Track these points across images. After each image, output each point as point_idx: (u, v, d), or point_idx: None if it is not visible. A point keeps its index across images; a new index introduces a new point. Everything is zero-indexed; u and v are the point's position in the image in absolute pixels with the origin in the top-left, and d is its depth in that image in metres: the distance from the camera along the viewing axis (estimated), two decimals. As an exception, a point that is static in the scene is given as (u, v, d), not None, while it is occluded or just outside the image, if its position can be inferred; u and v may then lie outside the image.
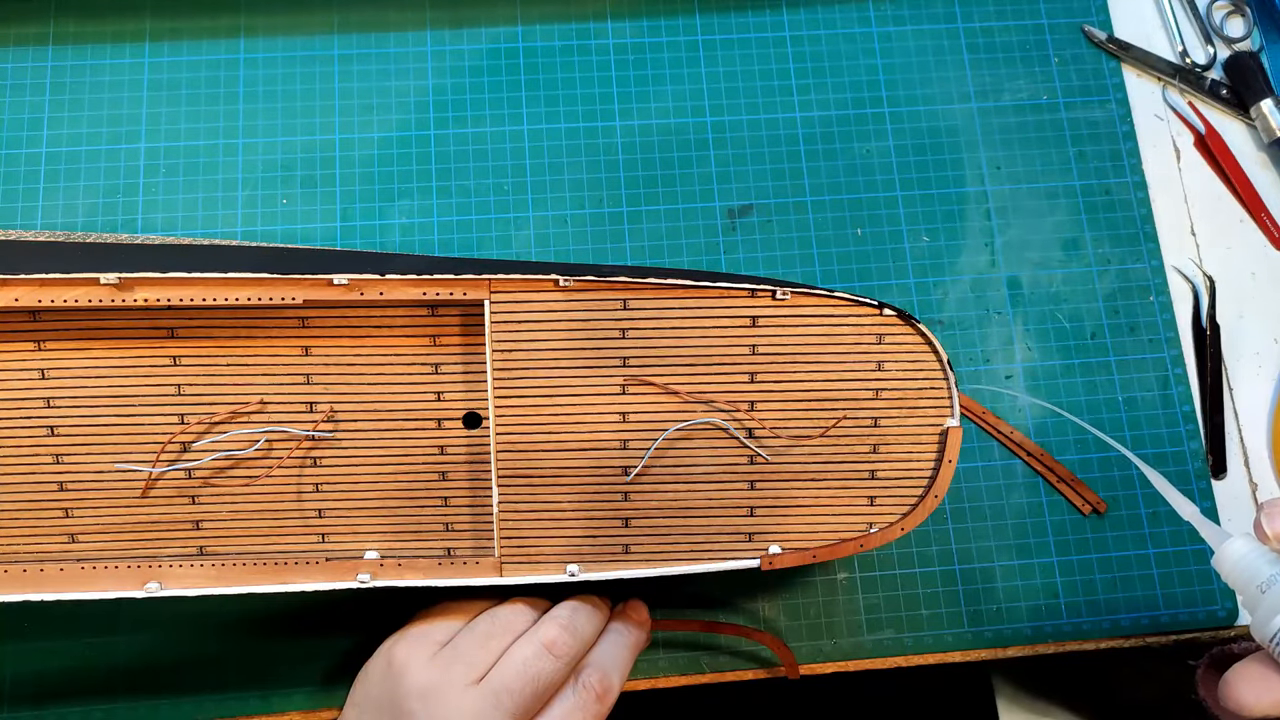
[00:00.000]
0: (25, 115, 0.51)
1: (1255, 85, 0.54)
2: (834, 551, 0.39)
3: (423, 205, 0.51)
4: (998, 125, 0.53)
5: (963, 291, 0.51)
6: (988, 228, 0.52)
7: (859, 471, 0.39)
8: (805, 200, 0.52)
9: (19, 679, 0.44)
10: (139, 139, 0.51)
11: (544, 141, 0.52)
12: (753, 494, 0.39)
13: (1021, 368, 0.50)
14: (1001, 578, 0.47)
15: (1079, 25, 0.55)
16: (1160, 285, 0.52)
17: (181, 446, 0.39)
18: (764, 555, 0.39)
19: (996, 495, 0.48)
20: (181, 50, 0.52)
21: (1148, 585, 0.47)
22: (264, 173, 0.51)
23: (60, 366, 0.39)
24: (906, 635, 0.47)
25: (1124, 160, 0.53)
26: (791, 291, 0.38)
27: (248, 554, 0.40)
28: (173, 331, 0.39)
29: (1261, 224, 0.53)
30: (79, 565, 0.39)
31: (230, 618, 0.45)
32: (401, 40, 0.53)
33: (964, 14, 0.55)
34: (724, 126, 0.53)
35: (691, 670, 0.46)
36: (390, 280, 0.37)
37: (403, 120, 0.52)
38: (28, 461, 0.39)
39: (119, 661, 0.45)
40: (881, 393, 0.39)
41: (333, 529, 0.40)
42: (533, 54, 0.53)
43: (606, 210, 0.51)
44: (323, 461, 0.40)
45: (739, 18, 0.54)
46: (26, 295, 0.36)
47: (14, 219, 0.49)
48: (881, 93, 0.54)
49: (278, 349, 0.39)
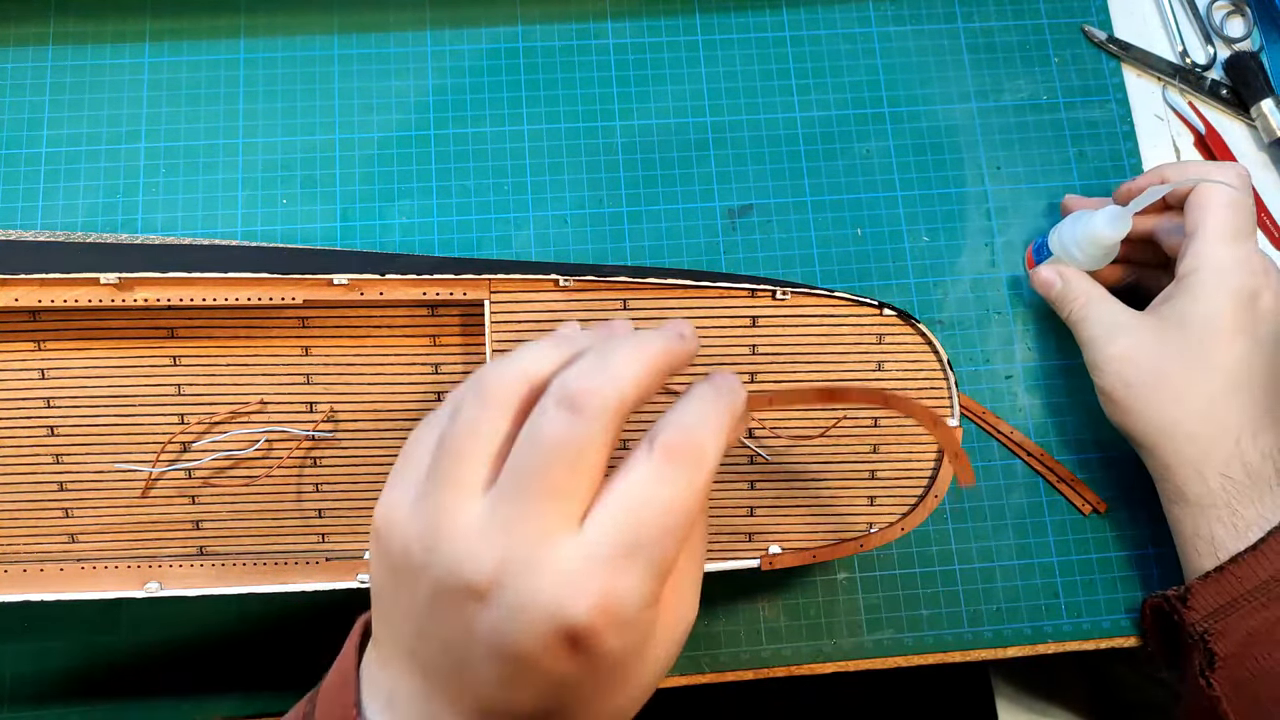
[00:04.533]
0: (25, 115, 0.51)
1: (1255, 85, 0.54)
2: (834, 551, 0.39)
3: (423, 205, 0.51)
4: (998, 125, 0.53)
5: (963, 291, 0.51)
6: (988, 228, 0.52)
7: (859, 471, 0.39)
8: (805, 200, 0.52)
9: (19, 679, 0.44)
10: (139, 139, 0.51)
11: (544, 141, 0.52)
12: (753, 494, 0.39)
13: (1021, 368, 0.50)
14: (1001, 578, 0.47)
15: (1079, 25, 0.55)
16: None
17: (181, 446, 0.39)
18: (764, 555, 0.39)
19: (996, 495, 0.48)
20: (181, 50, 0.52)
21: (1148, 585, 0.47)
22: (264, 173, 0.51)
23: (60, 366, 0.39)
24: (906, 635, 0.47)
25: (1124, 160, 0.53)
26: (791, 291, 0.38)
27: (248, 554, 0.40)
28: (173, 331, 0.39)
29: (1261, 224, 0.53)
30: (79, 565, 0.39)
31: (230, 618, 0.45)
32: (401, 40, 0.53)
33: (964, 14, 0.55)
34: (724, 126, 0.53)
35: (691, 670, 0.46)
36: (390, 280, 0.37)
37: (403, 120, 0.52)
38: (28, 461, 0.39)
39: (119, 661, 0.45)
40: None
41: (333, 529, 0.40)
42: (533, 54, 0.53)
43: (606, 210, 0.51)
44: (323, 461, 0.40)
45: (739, 18, 0.54)
46: (26, 295, 0.36)
47: (14, 219, 0.49)
48: (881, 93, 0.54)
49: (278, 349, 0.39)
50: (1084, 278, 0.47)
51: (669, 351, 0.27)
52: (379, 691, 0.29)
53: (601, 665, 0.26)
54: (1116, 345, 0.44)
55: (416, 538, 0.27)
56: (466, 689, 0.28)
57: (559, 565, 0.25)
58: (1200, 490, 0.42)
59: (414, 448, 0.29)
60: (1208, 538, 0.42)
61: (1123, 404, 0.44)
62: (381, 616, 0.30)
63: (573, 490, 0.25)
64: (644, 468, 0.26)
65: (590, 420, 0.25)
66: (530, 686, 0.27)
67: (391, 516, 0.28)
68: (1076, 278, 0.47)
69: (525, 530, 0.25)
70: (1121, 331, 0.44)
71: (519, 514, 0.25)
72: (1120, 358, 0.43)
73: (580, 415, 0.25)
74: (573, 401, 0.25)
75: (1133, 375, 0.43)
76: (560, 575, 0.25)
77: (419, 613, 0.28)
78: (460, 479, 0.26)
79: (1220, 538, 0.41)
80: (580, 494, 0.26)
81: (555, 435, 0.25)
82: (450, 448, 0.27)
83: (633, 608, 0.26)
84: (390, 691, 0.29)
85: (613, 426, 0.26)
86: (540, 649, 0.25)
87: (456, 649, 0.27)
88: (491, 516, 0.26)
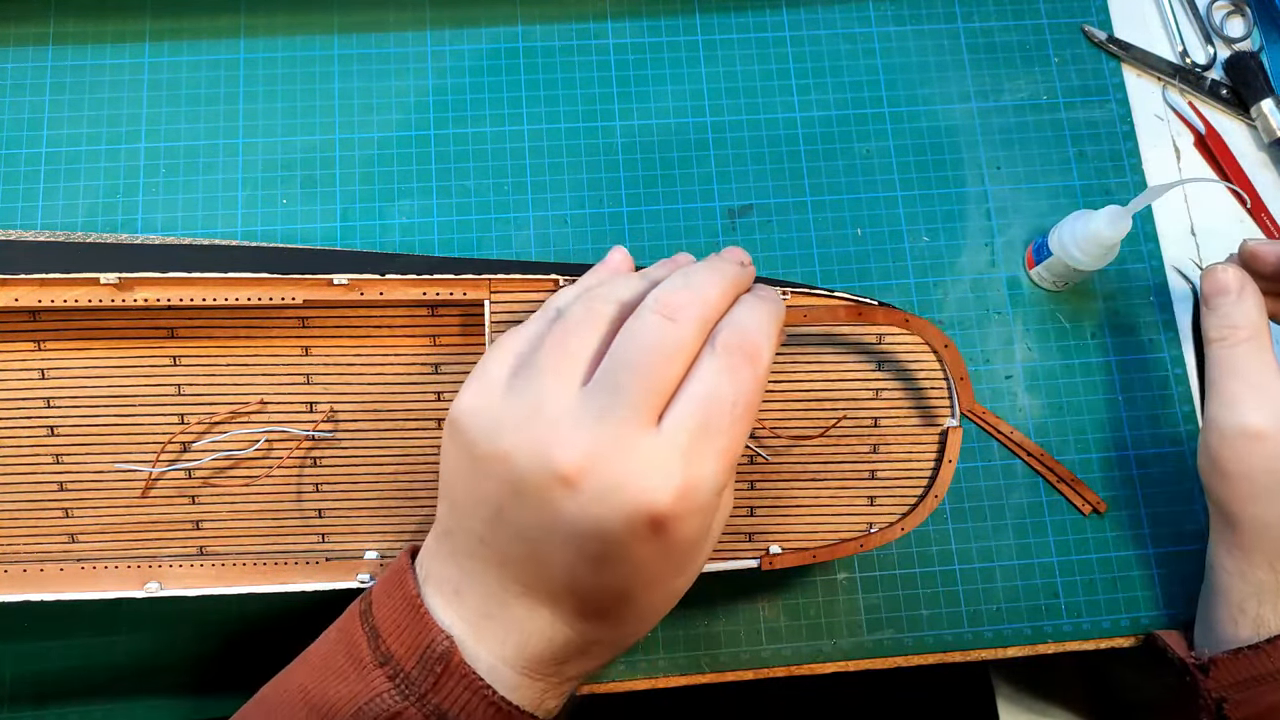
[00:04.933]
0: (25, 115, 0.51)
1: (1255, 85, 0.54)
2: (834, 551, 0.39)
3: (423, 205, 0.51)
4: (998, 125, 0.53)
5: (963, 291, 0.51)
6: (988, 228, 0.52)
7: (859, 471, 0.39)
8: (805, 200, 0.52)
9: (19, 679, 0.44)
10: (139, 139, 0.51)
11: (544, 141, 0.52)
12: (753, 494, 0.39)
13: (1021, 368, 0.50)
14: (1001, 578, 0.47)
15: (1079, 25, 0.55)
16: (1160, 285, 0.52)
17: (181, 446, 0.39)
18: (764, 555, 0.39)
19: (996, 495, 0.48)
20: (181, 50, 0.52)
21: (1148, 585, 0.47)
22: (264, 173, 0.51)
23: (60, 366, 0.39)
24: (906, 635, 0.47)
25: (1124, 160, 0.53)
26: (791, 291, 0.38)
27: (248, 554, 0.40)
28: (173, 331, 0.39)
29: (1261, 224, 0.53)
30: (79, 565, 0.39)
31: (230, 618, 0.45)
32: (401, 40, 0.53)
33: (964, 14, 0.55)
34: (724, 126, 0.53)
35: (691, 670, 0.46)
36: (390, 280, 0.37)
37: (403, 120, 0.52)
38: (28, 461, 0.39)
39: (119, 661, 0.45)
40: (881, 393, 0.39)
41: (333, 529, 0.40)
42: (533, 54, 0.53)
43: (606, 210, 0.51)
44: (323, 461, 0.40)
45: (739, 18, 0.54)
46: (26, 295, 0.36)
47: (14, 219, 0.49)
48: (881, 93, 0.54)
49: (278, 349, 0.39)
50: (1260, 302, 0.40)
51: (738, 274, 0.32)
52: (444, 584, 0.32)
53: (675, 548, 0.29)
54: (1258, 416, 0.38)
55: (508, 425, 0.29)
56: (541, 573, 0.30)
57: (645, 454, 0.28)
58: (1265, 578, 0.40)
59: (496, 352, 0.32)
60: (1253, 616, 0.40)
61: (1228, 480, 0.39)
62: (454, 508, 0.32)
63: (662, 386, 0.28)
64: (711, 365, 0.29)
65: (683, 325, 0.29)
66: (608, 568, 0.29)
67: (476, 405, 0.30)
68: (1254, 298, 0.40)
69: (617, 420, 0.28)
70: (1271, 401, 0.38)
71: (612, 404, 0.28)
72: (1256, 435, 0.38)
73: (674, 322, 0.29)
74: (668, 310, 0.29)
75: (1259, 462, 0.38)
76: (646, 463, 0.28)
77: (498, 499, 0.30)
78: (561, 370, 0.29)
79: (1267, 619, 0.39)
80: (666, 390, 0.28)
81: (653, 334, 0.29)
82: (554, 343, 0.30)
83: (707, 493, 0.29)
84: (457, 582, 0.32)
85: (700, 334, 0.29)
86: (625, 532, 0.28)
87: (535, 533, 0.29)
88: (585, 406, 0.28)
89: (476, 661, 0.31)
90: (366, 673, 0.31)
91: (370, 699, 0.30)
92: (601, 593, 0.30)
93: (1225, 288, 0.40)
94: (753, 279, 0.33)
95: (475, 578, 0.31)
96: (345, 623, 0.33)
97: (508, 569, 0.31)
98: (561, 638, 0.31)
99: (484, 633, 0.31)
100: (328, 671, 0.32)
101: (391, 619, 0.31)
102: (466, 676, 0.30)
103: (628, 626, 0.32)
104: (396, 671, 0.30)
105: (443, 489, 0.32)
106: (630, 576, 0.30)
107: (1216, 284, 0.41)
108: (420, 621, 0.31)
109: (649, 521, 0.28)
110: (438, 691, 0.30)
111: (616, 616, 0.31)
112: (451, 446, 0.31)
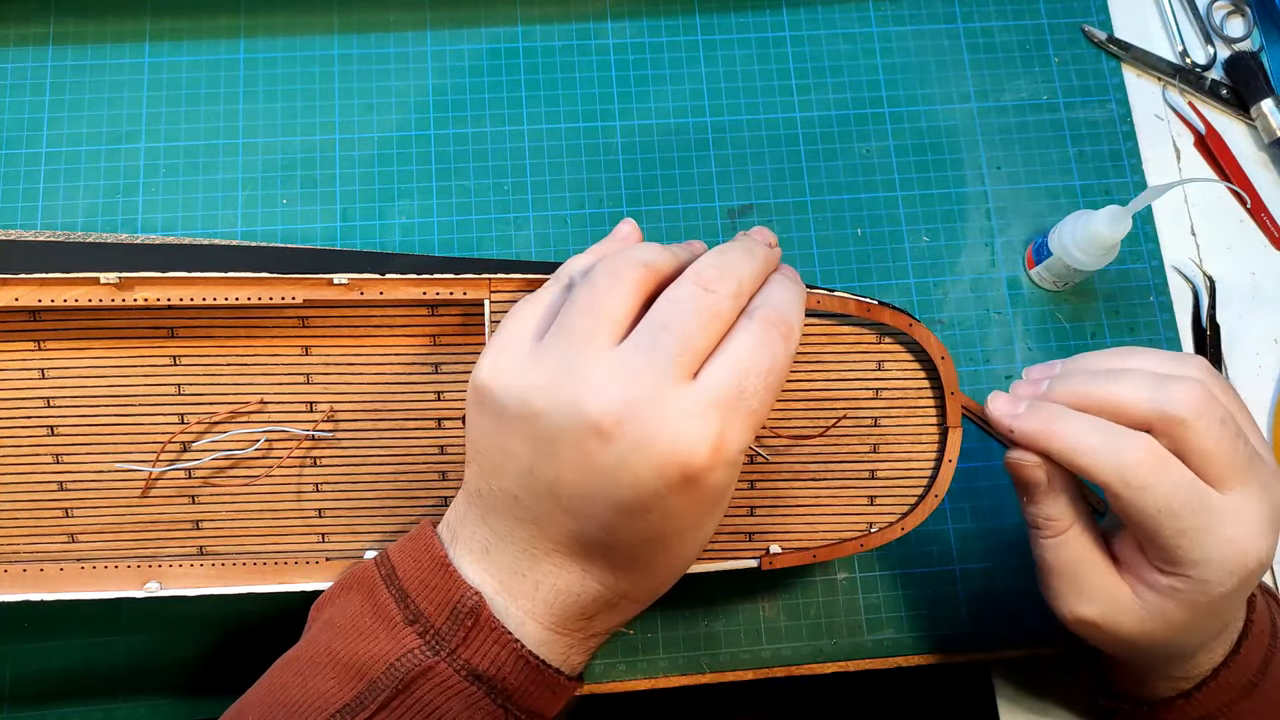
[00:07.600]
0: (25, 115, 0.51)
1: (1255, 85, 0.54)
2: (834, 551, 0.39)
3: (423, 205, 0.51)
4: (998, 125, 0.53)
5: (963, 291, 0.51)
6: (988, 228, 0.52)
7: (859, 471, 0.39)
8: (805, 200, 0.52)
9: (19, 679, 0.44)
10: (139, 139, 0.51)
11: (544, 141, 0.52)
12: (753, 494, 0.39)
13: (1021, 368, 0.50)
14: (1001, 578, 0.47)
15: (1079, 25, 0.55)
16: (1160, 285, 0.52)
17: (181, 446, 0.39)
18: (764, 555, 0.39)
19: (996, 495, 0.48)
20: (181, 50, 0.52)
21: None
22: (264, 173, 0.51)
23: (60, 366, 0.39)
24: (906, 635, 0.47)
25: (1124, 160, 0.53)
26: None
27: (248, 554, 0.40)
28: (173, 331, 0.39)
29: (1261, 224, 0.53)
30: (79, 565, 0.39)
31: (230, 618, 0.45)
32: (401, 40, 0.53)
33: (964, 14, 0.55)
34: (724, 126, 0.53)
35: (691, 670, 0.46)
36: (390, 280, 0.37)
37: (403, 120, 0.52)
38: (28, 461, 0.39)
39: (119, 661, 0.45)
40: (881, 392, 0.39)
41: (333, 529, 0.40)
42: (533, 54, 0.53)
43: (606, 210, 0.51)
44: (323, 461, 0.40)
45: (739, 18, 0.54)
46: (26, 295, 0.36)
47: (14, 219, 0.49)
48: (881, 93, 0.54)
49: (278, 349, 0.39)
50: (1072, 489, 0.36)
51: (768, 254, 0.33)
52: (473, 543, 0.33)
53: (704, 500, 0.30)
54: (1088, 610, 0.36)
55: (538, 384, 0.30)
56: (573, 528, 0.31)
57: (680, 409, 0.29)
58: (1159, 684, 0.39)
59: (514, 321, 0.32)
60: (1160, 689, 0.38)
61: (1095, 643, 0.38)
62: (482, 471, 0.32)
63: (699, 346, 0.29)
64: (749, 331, 0.30)
65: (721, 297, 0.30)
66: (640, 519, 0.30)
67: (502, 368, 0.31)
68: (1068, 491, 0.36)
69: (654, 375, 0.29)
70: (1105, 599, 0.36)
71: (649, 361, 0.29)
72: (1091, 624, 0.36)
73: (713, 293, 0.30)
74: (706, 283, 0.30)
75: (1104, 641, 0.37)
76: (681, 418, 0.29)
77: (530, 458, 0.30)
78: (593, 331, 0.30)
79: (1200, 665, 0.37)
80: (703, 351, 0.29)
81: (693, 299, 0.30)
82: (584, 305, 0.30)
83: (735, 449, 0.29)
84: (486, 541, 0.33)
85: (736, 307, 0.30)
86: (660, 482, 0.29)
87: (568, 488, 0.30)
88: (622, 364, 0.29)
89: (505, 617, 0.32)
90: (396, 631, 0.32)
91: (401, 655, 0.31)
92: (632, 544, 0.31)
93: (1036, 482, 0.35)
94: (779, 259, 0.34)
95: (505, 536, 0.32)
96: (364, 587, 0.34)
97: (539, 526, 0.31)
98: (591, 592, 0.32)
99: (513, 589, 0.32)
100: (355, 633, 0.32)
101: (419, 578, 0.32)
102: (496, 630, 0.31)
103: (656, 578, 0.33)
104: (427, 628, 0.32)
105: (470, 453, 0.33)
106: (660, 525, 0.30)
107: (1024, 477, 0.36)
108: (449, 579, 0.32)
109: (681, 473, 0.29)
110: (468, 646, 0.31)
111: (646, 567, 0.32)
112: (477, 412, 0.32)
